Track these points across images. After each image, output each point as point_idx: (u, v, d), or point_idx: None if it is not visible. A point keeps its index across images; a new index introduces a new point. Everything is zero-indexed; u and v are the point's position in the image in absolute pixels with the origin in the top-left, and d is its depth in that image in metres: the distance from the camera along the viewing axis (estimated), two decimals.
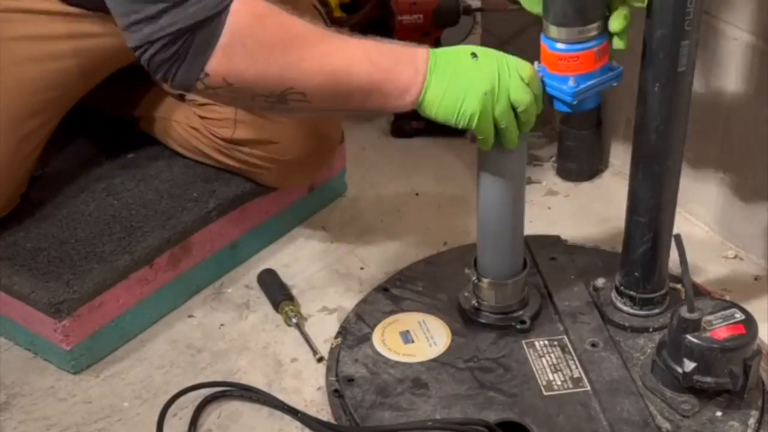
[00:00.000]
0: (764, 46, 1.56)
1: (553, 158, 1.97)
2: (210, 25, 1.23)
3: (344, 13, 2.09)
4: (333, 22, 2.06)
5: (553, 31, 1.32)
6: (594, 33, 1.31)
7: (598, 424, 1.39)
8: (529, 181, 1.83)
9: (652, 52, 1.36)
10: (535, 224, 1.76)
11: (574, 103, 1.33)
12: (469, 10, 2.04)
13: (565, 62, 1.32)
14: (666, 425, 1.37)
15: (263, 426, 1.47)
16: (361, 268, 1.75)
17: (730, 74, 1.64)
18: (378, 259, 1.75)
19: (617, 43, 1.34)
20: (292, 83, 1.28)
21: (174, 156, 1.76)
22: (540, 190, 1.91)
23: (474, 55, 1.32)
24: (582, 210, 1.87)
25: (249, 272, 1.75)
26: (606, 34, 1.33)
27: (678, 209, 1.51)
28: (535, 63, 1.36)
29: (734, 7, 1.59)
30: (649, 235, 1.48)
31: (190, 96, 1.67)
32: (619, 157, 1.92)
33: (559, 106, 1.36)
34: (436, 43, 2.09)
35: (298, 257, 1.78)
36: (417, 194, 1.92)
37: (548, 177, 1.95)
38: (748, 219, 1.70)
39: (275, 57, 1.27)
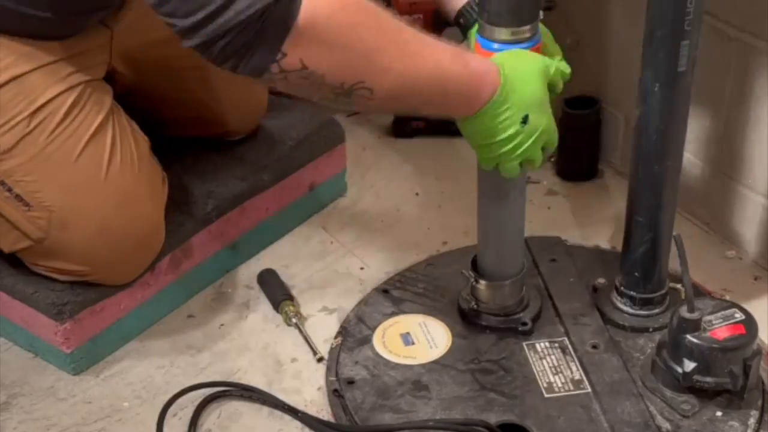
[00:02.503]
0: (764, 46, 1.56)
1: (553, 158, 1.97)
2: (286, 4, 1.17)
3: None
4: None
5: (488, 30, 1.32)
6: (527, 35, 1.32)
7: (598, 426, 1.39)
8: (529, 181, 1.82)
9: (652, 52, 1.36)
10: (535, 224, 1.76)
11: None
12: None
13: None
14: (666, 425, 1.37)
15: (263, 426, 1.47)
16: (361, 268, 1.75)
17: (730, 74, 1.64)
18: (378, 259, 1.76)
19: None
20: (364, 77, 1.25)
21: (171, 158, 1.76)
22: (540, 190, 1.91)
23: (524, 120, 1.31)
24: (582, 210, 1.87)
25: (249, 272, 1.75)
26: (539, 36, 1.34)
27: (678, 209, 1.51)
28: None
29: (734, 7, 1.59)
30: (649, 235, 1.48)
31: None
32: (619, 157, 1.92)
33: None
34: None
35: (298, 257, 1.78)
36: (417, 194, 1.92)
37: (548, 177, 1.95)
38: (749, 219, 1.70)
39: (357, 43, 1.23)
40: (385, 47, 1.25)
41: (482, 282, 1.51)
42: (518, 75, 1.31)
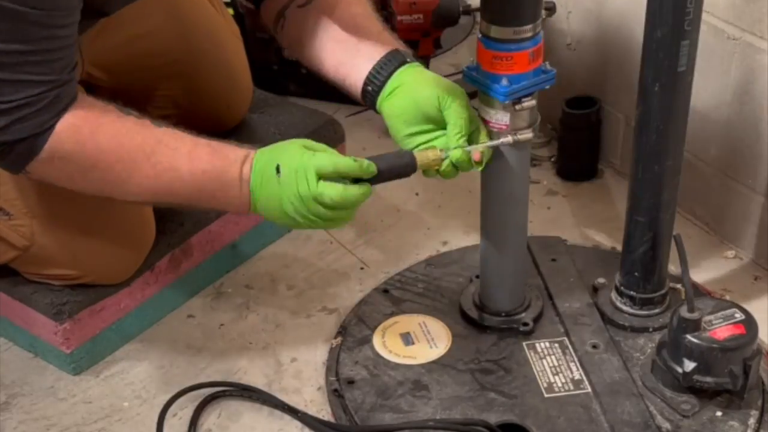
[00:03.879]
0: (764, 45, 1.56)
1: (553, 158, 1.97)
2: (32, 141, 1.26)
3: None
4: None
5: (489, 29, 1.32)
6: (529, 34, 1.31)
7: (598, 426, 1.39)
8: (529, 181, 1.82)
9: (652, 52, 1.36)
10: (535, 224, 1.75)
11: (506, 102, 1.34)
12: (469, 10, 2.04)
13: (500, 61, 1.32)
14: (666, 425, 1.37)
15: (263, 426, 1.47)
16: (361, 268, 1.75)
17: (730, 74, 1.64)
18: (378, 259, 1.75)
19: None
20: (113, 195, 1.35)
21: None
22: (540, 190, 1.91)
23: (278, 170, 1.31)
24: (582, 210, 1.87)
25: (249, 272, 1.75)
26: (541, 36, 1.33)
27: (678, 209, 1.51)
28: (471, 60, 1.36)
29: (734, 7, 1.59)
30: (649, 235, 1.48)
31: None
32: (619, 157, 1.92)
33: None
34: (436, 44, 2.10)
35: (298, 257, 1.78)
36: (417, 194, 1.91)
37: (548, 177, 1.95)
38: (748, 219, 1.70)
39: (97, 177, 1.31)
40: (130, 174, 1.31)
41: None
42: (271, 149, 1.34)
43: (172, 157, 1.32)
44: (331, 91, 1.51)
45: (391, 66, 1.39)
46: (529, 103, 1.35)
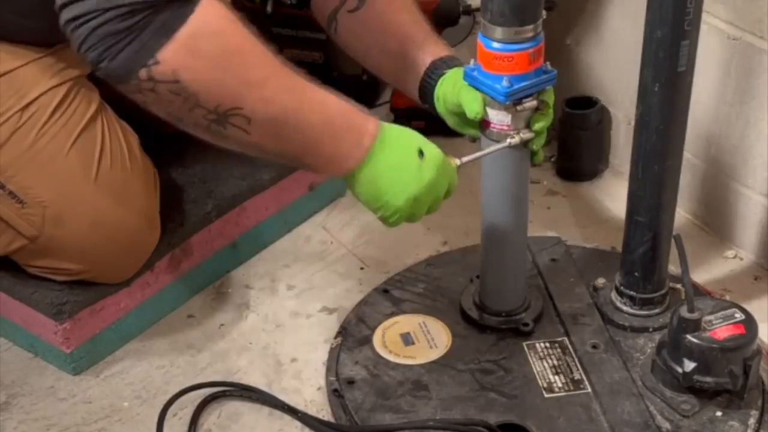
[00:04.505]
0: (764, 45, 1.56)
1: (553, 158, 1.97)
2: (179, 6, 1.14)
3: None
4: None
5: (490, 29, 1.32)
6: (530, 34, 1.31)
7: (598, 426, 1.39)
8: (529, 181, 1.82)
9: (652, 52, 1.36)
10: (535, 224, 1.75)
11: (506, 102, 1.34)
12: (469, 10, 2.04)
13: (500, 62, 1.32)
14: (666, 425, 1.37)
15: (263, 426, 1.47)
16: (361, 268, 1.75)
17: (730, 74, 1.64)
18: (378, 259, 1.75)
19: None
20: (242, 104, 1.20)
21: (171, 158, 1.76)
22: (540, 190, 1.91)
23: (421, 153, 1.30)
24: (582, 210, 1.87)
25: (249, 272, 1.75)
26: (541, 36, 1.33)
27: (678, 209, 1.51)
28: (471, 60, 1.36)
29: (734, 7, 1.59)
30: (649, 235, 1.48)
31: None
32: (619, 157, 1.92)
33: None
34: None
35: (298, 257, 1.78)
36: None
37: (548, 177, 1.95)
38: (748, 219, 1.70)
39: (239, 67, 1.20)
40: (267, 78, 1.22)
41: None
42: (399, 135, 1.31)
43: (304, 80, 1.26)
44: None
45: (430, 84, 1.43)
46: (530, 103, 1.35)
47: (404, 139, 1.31)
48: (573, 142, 1.92)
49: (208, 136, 1.25)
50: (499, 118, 1.36)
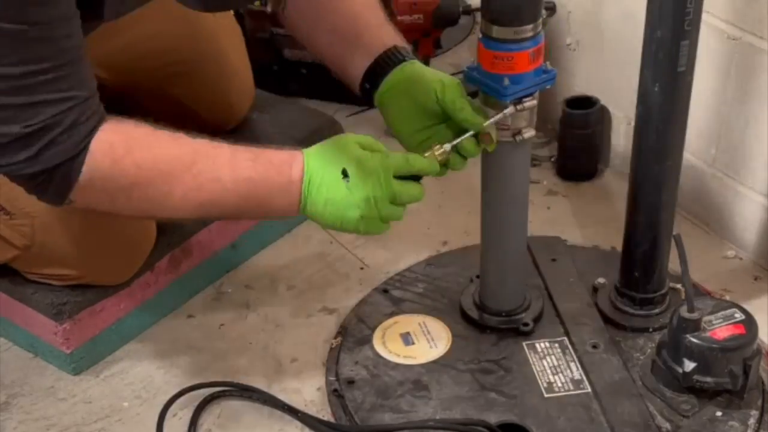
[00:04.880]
0: (764, 45, 1.56)
1: (553, 158, 1.97)
2: (68, 166, 1.23)
3: None
4: None
5: (489, 29, 1.32)
6: (529, 34, 1.31)
7: (598, 426, 1.39)
8: (529, 181, 1.82)
9: (652, 52, 1.36)
10: (535, 224, 1.75)
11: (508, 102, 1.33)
12: (469, 10, 2.04)
13: (500, 62, 1.32)
14: (666, 425, 1.37)
15: (263, 426, 1.47)
16: (361, 268, 1.75)
17: (730, 74, 1.64)
18: (378, 259, 1.75)
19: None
20: (157, 214, 1.33)
21: None
22: (540, 190, 1.91)
23: (345, 174, 1.29)
24: (582, 210, 1.87)
25: (249, 272, 1.75)
26: (541, 36, 1.33)
27: (678, 209, 1.51)
28: (471, 60, 1.36)
29: (734, 7, 1.59)
30: (649, 235, 1.48)
31: None
32: (619, 157, 1.92)
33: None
34: (436, 44, 2.10)
35: (298, 257, 1.78)
36: None
37: (548, 177, 1.95)
38: (749, 219, 1.70)
39: (137, 195, 1.28)
40: (172, 189, 1.28)
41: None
42: (321, 170, 1.30)
43: (213, 167, 1.29)
44: (331, 90, 1.51)
45: (388, 65, 1.39)
46: (531, 103, 1.35)
47: (326, 167, 1.30)
48: (573, 142, 1.92)
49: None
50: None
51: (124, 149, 1.26)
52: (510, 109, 1.34)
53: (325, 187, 1.29)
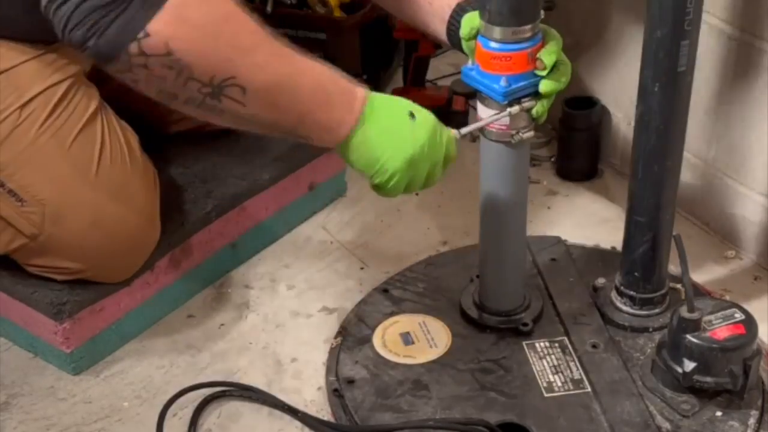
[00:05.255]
0: (764, 46, 1.56)
1: (553, 158, 1.97)
2: None
3: (344, 13, 2.09)
4: (333, 23, 2.06)
5: (488, 29, 1.32)
6: (528, 35, 1.31)
7: (598, 425, 1.39)
8: (529, 181, 1.83)
9: (652, 52, 1.36)
10: (535, 224, 1.76)
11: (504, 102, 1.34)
12: None
13: (498, 61, 1.32)
14: (666, 425, 1.37)
15: (263, 426, 1.47)
16: (361, 268, 1.75)
17: (730, 74, 1.64)
18: (378, 259, 1.75)
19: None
20: (236, 72, 1.17)
21: (169, 159, 1.75)
22: (540, 190, 1.91)
23: (412, 115, 1.28)
24: (582, 210, 1.87)
25: (249, 272, 1.75)
26: (539, 36, 1.33)
27: (678, 209, 1.51)
28: (469, 60, 1.36)
29: (734, 8, 1.59)
30: (649, 235, 1.48)
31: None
32: (619, 157, 1.92)
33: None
34: (436, 43, 2.09)
35: (298, 257, 1.78)
36: (417, 194, 1.91)
37: (548, 177, 1.95)
38: (748, 219, 1.70)
39: (230, 34, 1.16)
40: (258, 44, 1.19)
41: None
42: (388, 101, 1.29)
43: (291, 49, 1.24)
44: None
45: (460, 15, 1.39)
46: (529, 103, 1.35)
47: (394, 102, 1.30)
48: (573, 142, 1.93)
49: (203, 112, 1.22)
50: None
51: None
52: (505, 113, 1.35)
53: (389, 115, 1.27)
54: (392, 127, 1.27)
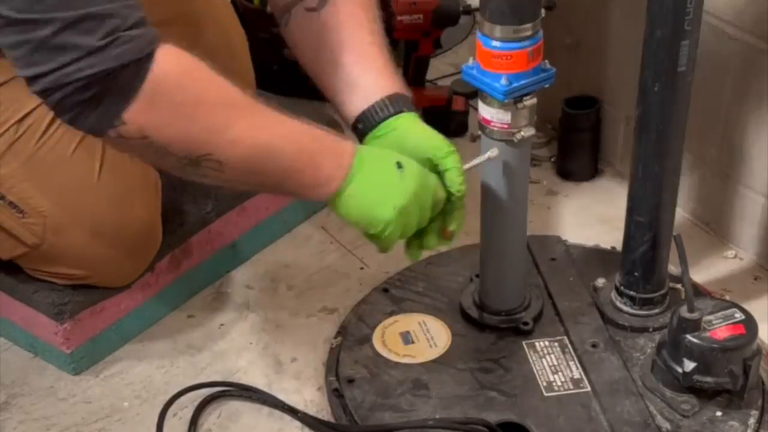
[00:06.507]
0: (764, 46, 1.56)
1: (553, 158, 1.97)
2: (135, 69, 1.14)
3: None
4: None
5: (489, 28, 1.32)
6: (529, 33, 1.31)
7: (598, 425, 1.39)
8: (529, 181, 1.83)
9: (652, 52, 1.36)
10: (535, 224, 1.76)
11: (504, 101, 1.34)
12: (469, 10, 2.04)
13: (499, 60, 1.32)
14: (666, 425, 1.37)
15: (263, 426, 1.47)
16: (361, 268, 1.75)
17: (730, 74, 1.64)
18: (378, 259, 1.75)
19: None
20: (212, 149, 1.21)
21: None
22: (540, 190, 1.91)
23: (399, 165, 1.28)
24: (582, 210, 1.87)
25: (249, 272, 1.75)
26: (540, 35, 1.33)
27: (678, 209, 1.51)
28: (470, 59, 1.36)
29: (734, 7, 1.59)
30: (649, 235, 1.48)
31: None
32: (619, 157, 1.92)
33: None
34: (436, 43, 2.09)
35: (298, 257, 1.78)
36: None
37: (548, 177, 1.95)
38: (748, 219, 1.70)
39: (203, 115, 1.20)
40: (234, 119, 1.22)
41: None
42: (375, 154, 1.30)
43: (274, 112, 1.25)
44: None
45: (385, 113, 1.35)
46: (531, 101, 1.35)
47: (382, 154, 1.30)
48: (573, 142, 1.92)
49: (186, 176, 1.26)
50: (498, 116, 1.36)
51: (193, 63, 1.20)
52: (493, 151, 1.35)
53: (377, 168, 1.28)
54: (382, 179, 1.28)
